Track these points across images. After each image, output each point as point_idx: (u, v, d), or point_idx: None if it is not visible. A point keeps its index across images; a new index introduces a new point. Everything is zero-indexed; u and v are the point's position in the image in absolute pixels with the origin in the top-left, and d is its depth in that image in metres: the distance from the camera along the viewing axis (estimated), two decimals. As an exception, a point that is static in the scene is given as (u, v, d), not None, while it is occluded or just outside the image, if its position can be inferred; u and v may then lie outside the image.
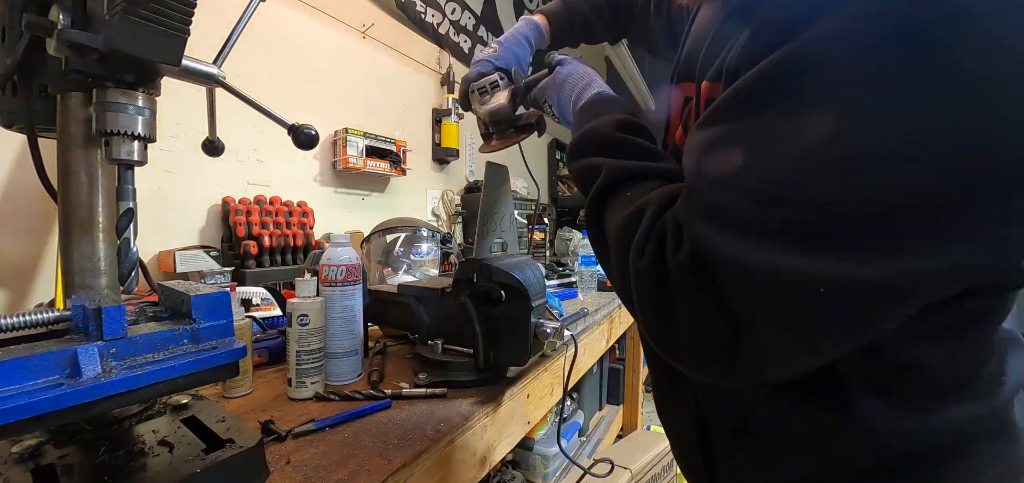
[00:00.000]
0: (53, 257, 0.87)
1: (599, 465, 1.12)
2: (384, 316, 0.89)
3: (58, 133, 0.46)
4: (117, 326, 0.32)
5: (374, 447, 0.48)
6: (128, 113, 0.40)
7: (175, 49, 0.38)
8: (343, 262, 0.67)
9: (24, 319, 0.33)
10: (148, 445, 0.42)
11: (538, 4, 2.79)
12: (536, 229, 1.90)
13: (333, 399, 0.60)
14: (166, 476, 0.37)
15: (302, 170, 1.37)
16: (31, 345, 0.31)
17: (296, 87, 1.35)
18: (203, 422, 0.46)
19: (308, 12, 1.37)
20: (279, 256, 1.12)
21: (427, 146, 1.91)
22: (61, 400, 0.28)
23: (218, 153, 0.60)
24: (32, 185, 0.85)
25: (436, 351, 0.69)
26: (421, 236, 1.24)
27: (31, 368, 0.29)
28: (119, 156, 0.40)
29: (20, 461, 0.41)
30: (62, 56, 0.37)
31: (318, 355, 0.62)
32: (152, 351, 0.34)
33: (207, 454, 0.40)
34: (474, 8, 2.15)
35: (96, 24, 0.37)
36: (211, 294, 0.37)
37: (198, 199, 1.11)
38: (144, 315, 0.41)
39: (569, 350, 0.76)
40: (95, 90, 0.40)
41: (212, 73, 0.48)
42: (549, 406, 0.80)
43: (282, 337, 0.77)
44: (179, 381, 0.35)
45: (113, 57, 0.37)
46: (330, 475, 0.43)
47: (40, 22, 0.37)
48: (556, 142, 3.06)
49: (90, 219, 0.47)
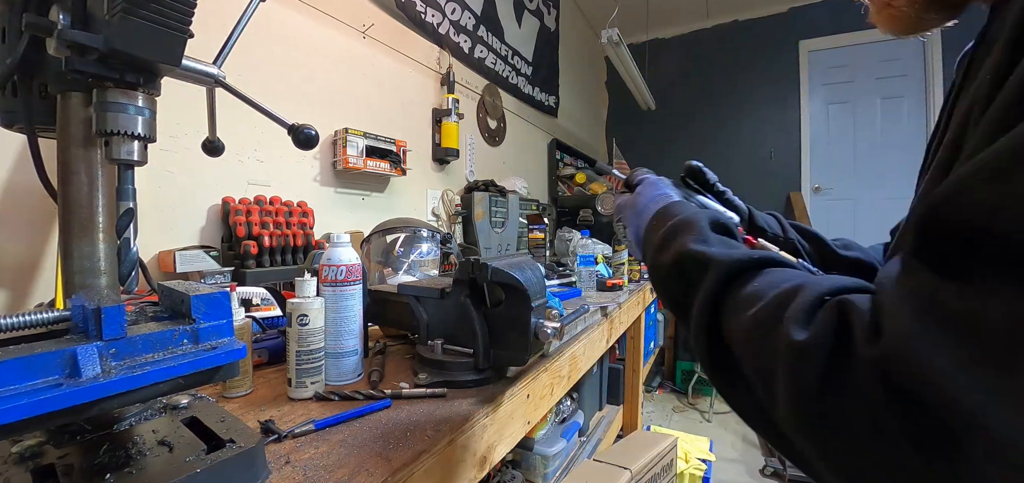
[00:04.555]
0: (53, 257, 0.87)
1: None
2: (384, 316, 0.89)
3: (58, 133, 0.46)
4: (116, 326, 0.32)
5: (374, 447, 0.48)
6: (128, 113, 0.40)
7: (175, 49, 0.38)
8: (343, 262, 0.67)
9: (24, 319, 0.33)
10: (148, 445, 0.42)
11: (538, 4, 2.79)
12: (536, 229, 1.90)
13: (333, 399, 0.60)
14: (166, 476, 0.37)
15: (302, 170, 1.37)
16: (30, 345, 0.31)
17: (296, 87, 1.35)
18: (203, 422, 0.46)
19: (308, 12, 1.37)
20: (279, 256, 1.12)
21: (427, 146, 1.91)
22: (60, 400, 0.28)
23: (218, 153, 0.60)
24: (32, 185, 0.85)
25: (436, 351, 0.69)
26: (421, 236, 1.24)
27: (30, 368, 0.29)
28: (119, 156, 0.40)
29: (20, 461, 0.41)
30: (62, 56, 0.37)
31: (318, 355, 0.62)
32: (152, 351, 0.34)
33: (207, 454, 0.40)
34: (474, 8, 2.15)
35: (96, 24, 0.37)
36: (211, 294, 0.37)
37: (198, 199, 1.11)
38: (144, 315, 0.41)
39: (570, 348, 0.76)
40: (95, 90, 0.40)
41: (212, 73, 0.48)
42: (549, 406, 0.80)
43: (282, 337, 0.77)
44: (179, 381, 0.35)
45: (113, 57, 0.37)
46: (330, 475, 0.43)
47: (40, 22, 0.37)
48: (556, 142, 3.06)
49: (90, 219, 0.47)
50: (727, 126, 3.73)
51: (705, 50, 3.78)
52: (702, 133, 3.79)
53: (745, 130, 3.69)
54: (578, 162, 3.40)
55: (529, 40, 2.71)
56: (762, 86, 3.62)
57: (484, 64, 2.26)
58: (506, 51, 2.46)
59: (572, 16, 3.41)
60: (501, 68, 2.41)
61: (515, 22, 2.55)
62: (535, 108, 2.83)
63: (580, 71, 3.61)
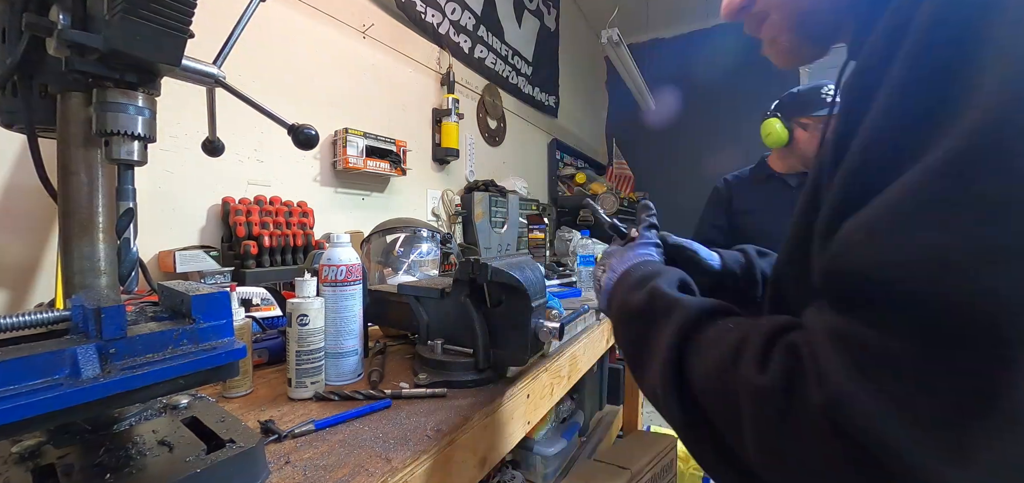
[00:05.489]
0: (53, 257, 0.86)
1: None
2: (384, 316, 0.89)
3: (58, 133, 0.46)
4: (116, 326, 0.32)
5: (374, 447, 0.48)
6: (128, 113, 0.40)
7: (175, 49, 0.38)
8: (343, 262, 0.67)
9: (24, 319, 0.33)
10: (148, 445, 0.42)
11: (538, 4, 2.79)
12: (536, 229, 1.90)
13: (333, 399, 0.60)
14: (166, 476, 0.37)
15: (302, 170, 1.37)
16: (31, 345, 0.31)
17: (296, 86, 1.35)
18: (203, 422, 0.46)
19: (308, 12, 1.37)
20: (279, 256, 1.12)
21: (427, 146, 1.91)
22: (60, 400, 0.28)
23: (218, 153, 0.60)
24: (31, 185, 0.85)
25: (436, 351, 0.69)
26: (421, 236, 1.24)
27: (30, 368, 0.29)
28: (119, 156, 0.40)
29: (20, 461, 0.41)
30: (62, 56, 0.37)
31: (318, 355, 0.62)
32: (152, 351, 0.34)
33: (207, 454, 0.40)
34: (474, 8, 2.15)
35: (96, 24, 0.37)
36: (211, 294, 0.37)
37: (198, 199, 1.11)
38: (144, 315, 0.41)
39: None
40: (95, 90, 0.40)
41: (212, 73, 0.48)
42: (549, 406, 0.80)
43: (281, 337, 0.77)
44: (179, 381, 0.35)
45: (113, 57, 0.37)
46: (330, 475, 0.43)
47: (40, 22, 0.37)
48: (556, 142, 3.06)
49: (90, 219, 0.47)
50: (726, 126, 3.73)
51: (705, 50, 3.77)
52: (702, 133, 3.79)
53: (744, 131, 3.68)
54: (578, 162, 3.40)
55: (529, 40, 2.71)
56: (762, 86, 3.62)
57: (484, 64, 2.26)
58: (506, 51, 2.46)
59: (572, 16, 3.41)
60: (501, 68, 2.41)
61: (515, 22, 2.55)
62: (535, 108, 2.83)
63: (580, 71, 3.61)
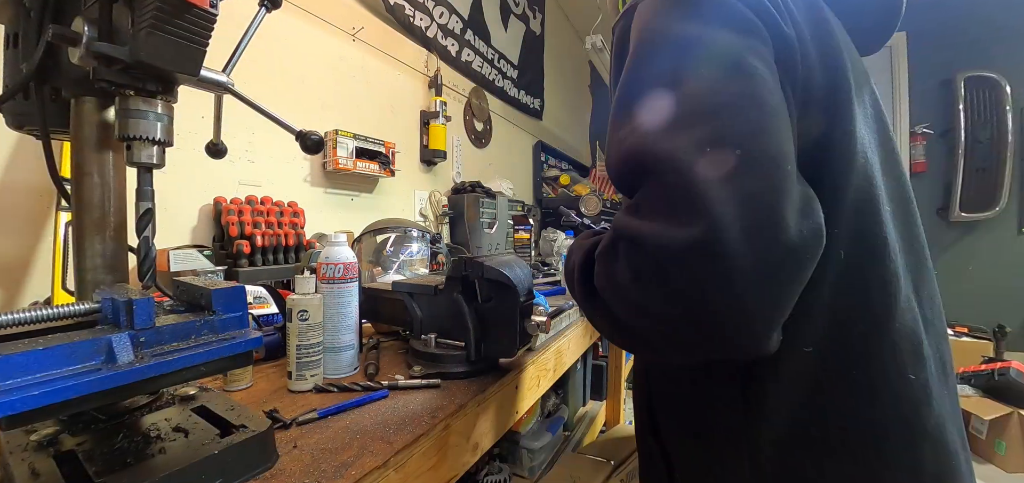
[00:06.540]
0: (47, 256, 0.87)
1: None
2: (377, 313, 0.92)
3: (72, 136, 0.48)
4: (146, 317, 0.35)
5: (375, 431, 0.52)
6: (148, 119, 0.43)
7: (195, 60, 0.41)
8: (341, 260, 0.70)
9: (57, 311, 0.36)
10: (163, 432, 0.44)
11: (523, 9, 2.83)
12: (521, 229, 1.95)
13: (332, 391, 0.63)
14: (186, 458, 0.40)
15: (292, 171, 1.39)
16: (68, 334, 0.34)
17: (287, 89, 1.37)
18: (213, 410, 0.48)
19: (299, 14, 1.39)
20: (271, 255, 1.14)
21: (415, 148, 1.94)
22: (102, 383, 0.31)
23: (221, 156, 0.62)
24: (23, 184, 0.86)
25: (430, 345, 0.73)
26: (411, 236, 1.27)
27: (71, 354, 0.32)
28: (140, 160, 0.43)
29: (39, 449, 0.43)
30: (88, 66, 0.40)
31: (317, 349, 0.65)
32: (176, 340, 0.37)
33: (222, 438, 0.43)
34: (461, 12, 2.19)
35: (121, 36, 0.40)
36: (229, 288, 0.41)
37: (190, 199, 1.12)
38: (161, 309, 0.44)
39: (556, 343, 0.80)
40: (118, 97, 0.43)
41: (223, 81, 0.51)
42: (536, 397, 0.84)
43: (277, 334, 0.79)
44: (201, 368, 0.38)
45: (137, 67, 0.40)
46: (336, 456, 0.46)
47: (66, 33, 0.39)
48: (541, 144, 3.11)
49: (103, 219, 0.49)
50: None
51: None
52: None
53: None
54: (562, 164, 3.46)
55: (515, 44, 2.76)
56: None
57: (471, 67, 2.30)
58: (492, 55, 2.50)
59: (557, 21, 3.47)
60: (487, 71, 2.45)
61: (501, 26, 2.59)
62: (520, 111, 2.88)
63: (565, 75, 3.67)
